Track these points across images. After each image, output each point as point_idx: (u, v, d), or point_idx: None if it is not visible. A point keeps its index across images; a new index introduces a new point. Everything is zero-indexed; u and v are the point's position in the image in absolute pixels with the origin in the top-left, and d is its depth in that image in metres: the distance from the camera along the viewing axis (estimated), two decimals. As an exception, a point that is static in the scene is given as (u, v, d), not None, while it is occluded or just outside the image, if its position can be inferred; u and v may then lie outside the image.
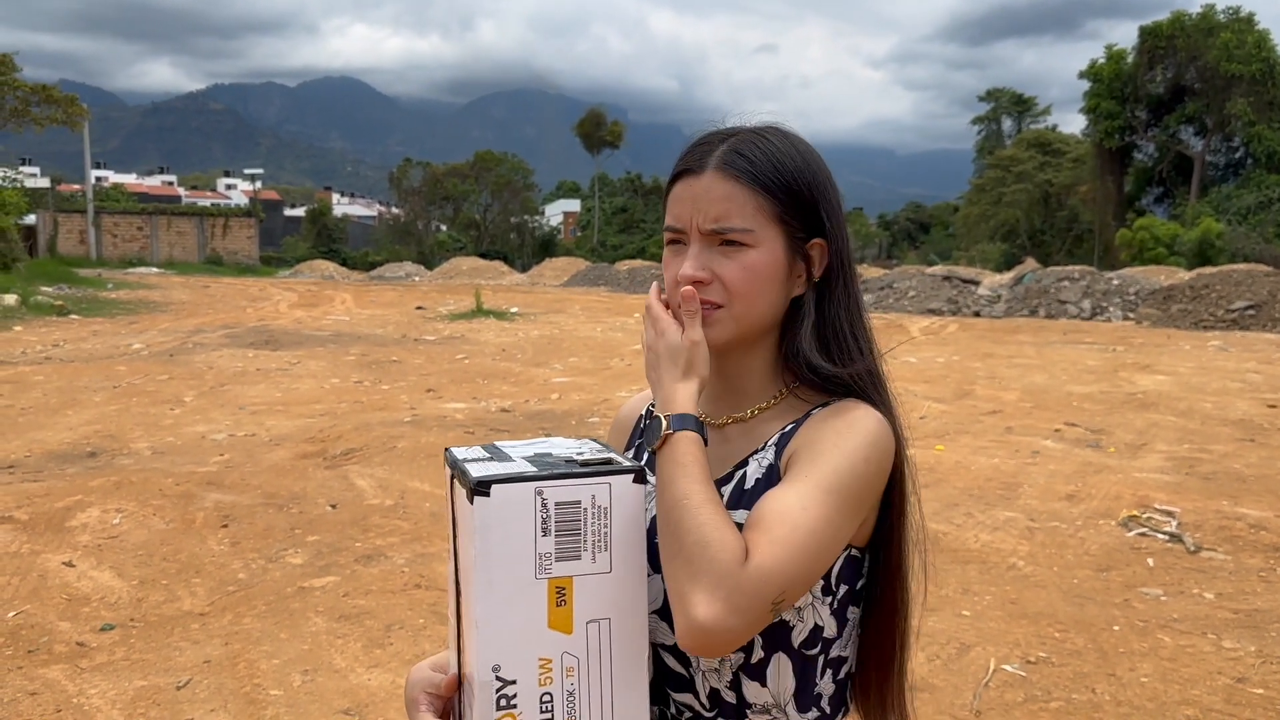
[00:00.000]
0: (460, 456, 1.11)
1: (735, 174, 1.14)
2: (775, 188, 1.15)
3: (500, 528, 1.00)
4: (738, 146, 1.16)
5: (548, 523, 1.02)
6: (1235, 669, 3.93)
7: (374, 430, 8.26)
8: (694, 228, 1.16)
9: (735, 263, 1.14)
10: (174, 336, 16.56)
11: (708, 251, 1.16)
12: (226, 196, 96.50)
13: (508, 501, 1.00)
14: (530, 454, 1.11)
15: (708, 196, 1.15)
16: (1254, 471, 7.23)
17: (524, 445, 1.16)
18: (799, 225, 1.17)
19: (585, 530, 1.03)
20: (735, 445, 1.23)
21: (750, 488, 1.17)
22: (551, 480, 1.02)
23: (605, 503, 1.04)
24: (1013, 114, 69.84)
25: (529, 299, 28.94)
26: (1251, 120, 43.52)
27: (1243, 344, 16.89)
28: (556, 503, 1.02)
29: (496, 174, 68.09)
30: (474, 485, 1.00)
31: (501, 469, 1.04)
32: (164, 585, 4.75)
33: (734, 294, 1.15)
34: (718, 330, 1.17)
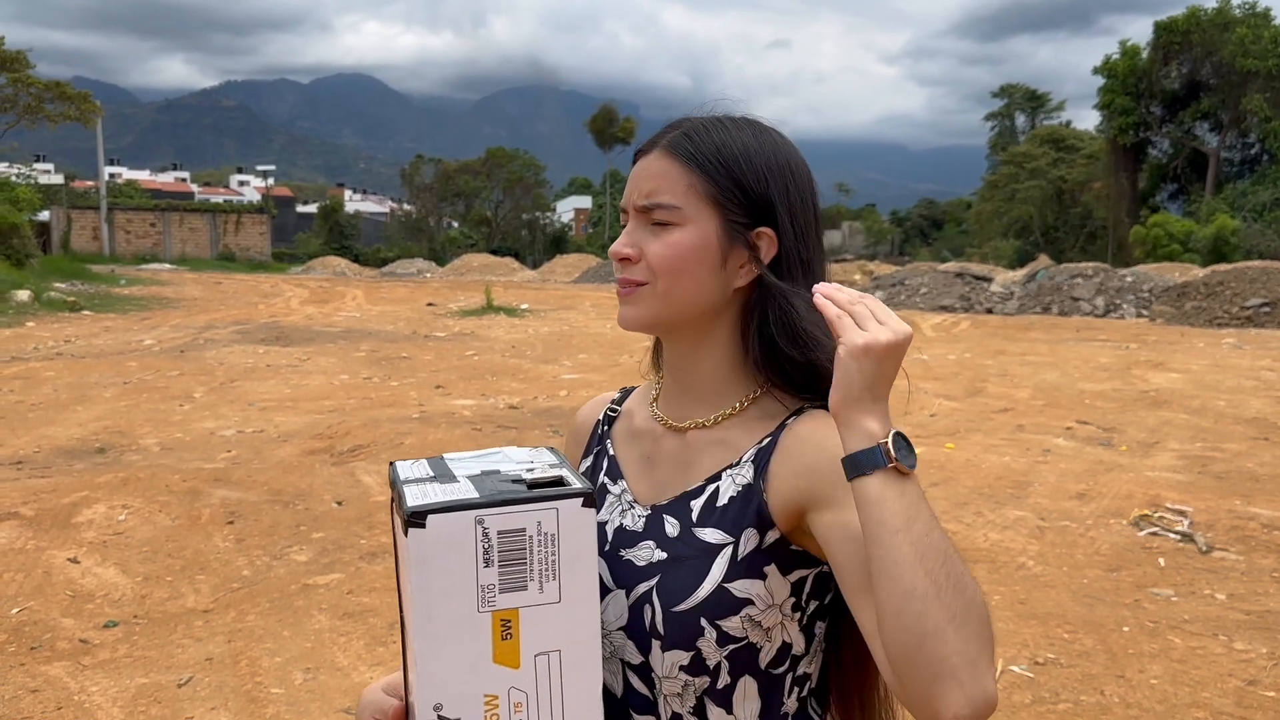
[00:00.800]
0: (401, 475, 1.04)
1: (673, 153, 1.11)
2: (712, 168, 1.10)
3: (438, 560, 0.94)
4: (688, 129, 1.13)
5: (490, 553, 0.95)
6: (1247, 671, 3.88)
7: (382, 427, 8.25)
8: (631, 204, 1.14)
9: (660, 241, 1.11)
10: (185, 333, 16.60)
11: (641, 229, 1.13)
12: (239, 193, 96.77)
13: (445, 533, 0.94)
14: (476, 471, 1.05)
15: (645, 173, 1.13)
16: (1268, 471, 7.16)
17: (472, 459, 1.10)
18: (738, 210, 1.11)
19: (531, 559, 0.96)
20: (701, 454, 1.17)
21: (723, 505, 1.12)
22: (493, 508, 0.95)
23: (552, 529, 0.97)
24: (1026, 110, 69.61)
25: (540, 295, 28.94)
26: (1268, 116, 43.21)
27: (1257, 341, 16.77)
28: (499, 531, 0.95)
29: (508, 170, 68.17)
30: (408, 516, 0.93)
31: (441, 494, 0.97)
32: (168, 582, 4.74)
33: (656, 271, 1.11)
34: (640, 308, 1.13)
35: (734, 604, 1.07)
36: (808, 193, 1.15)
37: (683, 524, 1.13)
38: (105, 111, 42.14)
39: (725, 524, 1.10)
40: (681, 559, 1.10)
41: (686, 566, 1.09)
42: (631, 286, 1.13)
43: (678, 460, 1.19)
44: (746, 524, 1.09)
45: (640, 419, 1.27)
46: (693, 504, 1.14)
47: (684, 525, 1.13)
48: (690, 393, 1.19)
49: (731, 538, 1.09)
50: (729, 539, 1.09)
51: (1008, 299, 24.91)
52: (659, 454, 1.20)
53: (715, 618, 1.06)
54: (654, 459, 1.20)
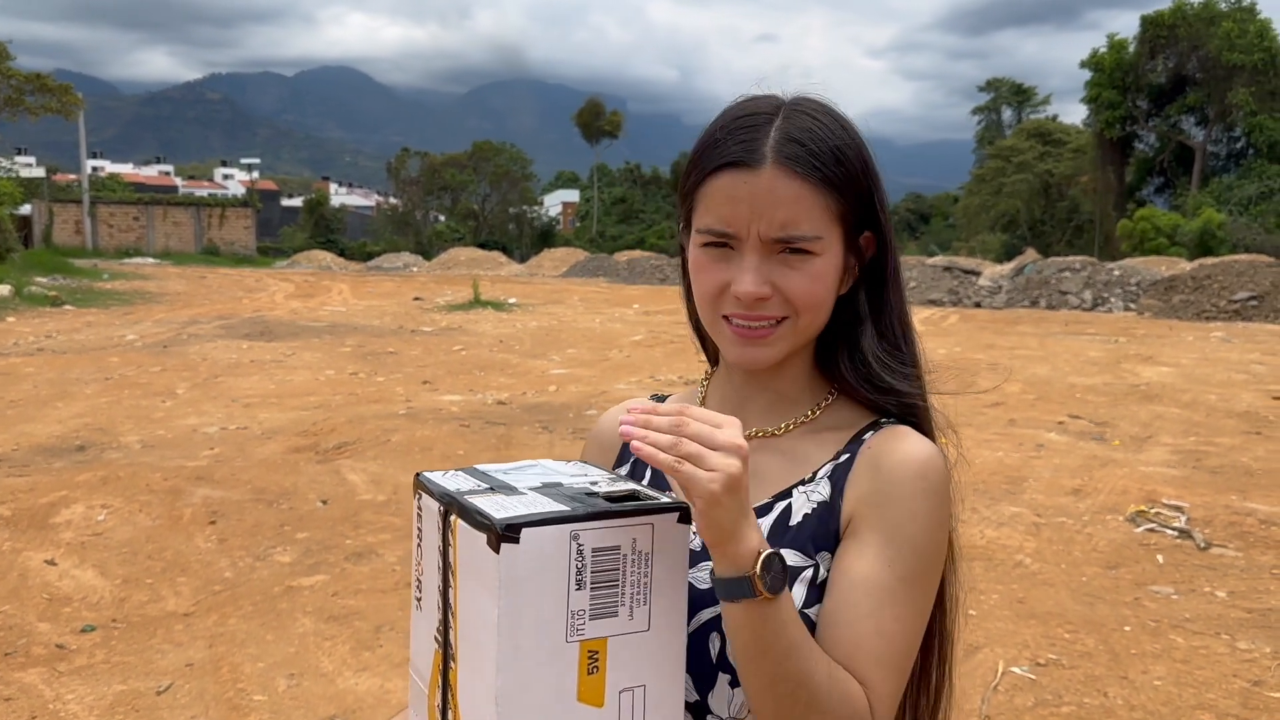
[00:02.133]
0: (452, 487, 0.92)
1: (802, 171, 0.98)
2: (840, 183, 1.00)
3: (531, 581, 0.83)
4: (793, 132, 0.99)
5: (583, 573, 0.85)
6: (1251, 671, 3.81)
7: (368, 423, 8.13)
8: (753, 235, 0.98)
9: (802, 274, 1.00)
10: (168, 327, 16.42)
11: (768, 262, 1.00)
12: (223, 186, 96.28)
13: (540, 549, 0.83)
14: (536, 484, 0.93)
15: (771, 199, 0.97)
16: (1262, 465, 7.11)
17: (516, 470, 0.99)
18: (855, 220, 1.03)
19: (624, 582, 0.87)
20: (768, 466, 1.08)
21: (798, 523, 1.03)
22: (590, 521, 0.85)
23: (647, 548, 0.87)
24: (1013, 104, 69.69)
25: (527, 290, 28.81)
26: (1253, 110, 43.36)
27: (1245, 335, 16.78)
28: (594, 549, 0.85)
29: (495, 164, 67.99)
30: (502, 530, 0.82)
31: (522, 506, 0.86)
32: (148, 584, 4.62)
33: (800, 309, 1.01)
34: (777, 349, 1.03)
35: (812, 630, 0.98)
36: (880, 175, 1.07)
37: None
38: (87, 104, 41.71)
39: (801, 544, 1.02)
40: None
41: None
42: (768, 327, 1.02)
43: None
44: (824, 546, 1.02)
45: None
46: (761, 521, 1.04)
47: None
48: (757, 399, 1.11)
49: (810, 560, 1.01)
50: (808, 561, 1.01)
51: (996, 293, 24.90)
52: None
53: None
54: None
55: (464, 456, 7.12)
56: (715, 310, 1.03)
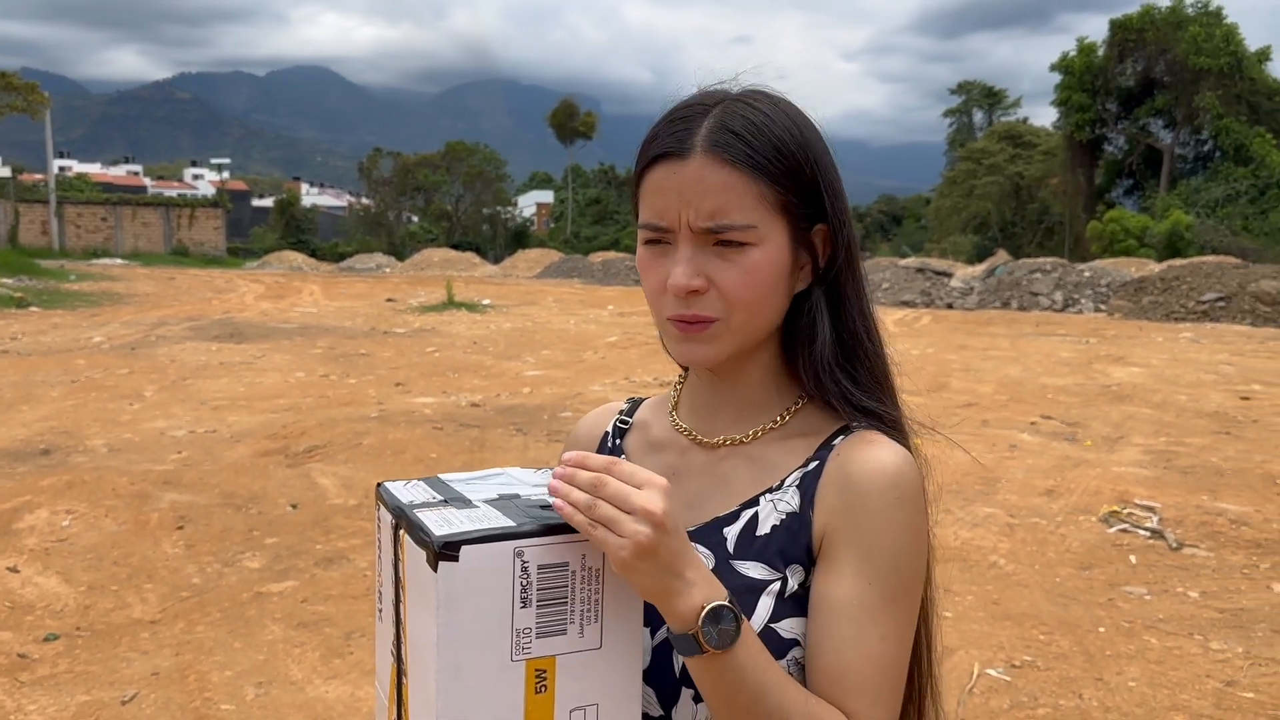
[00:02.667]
0: (405, 500, 0.89)
1: (730, 158, 0.93)
2: (777, 171, 0.94)
3: (471, 600, 0.80)
4: (726, 120, 0.95)
5: (528, 591, 0.82)
6: (1224, 671, 3.82)
7: (339, 426, 8.05)
8: (684, 225, 0.94)
9: (736, 267, 0.95)
10: (136, 329, 16.22)
11: (702, 254, 0.95)
12: (193, 187, 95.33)
13: (482, 567, 0.80)
14: (492, 495, 0.91)
15: (699, 187, 0.93)
16: (1231, 465, 7.17)
17: (478, 480, 0.96)
18: (803, 213, 0.98)
19: (573, 598, 0.84)
20: (735, 472, 1.05)
21: (765, 535, 0.99)
22: (534, 538, 0.82)
23: (597, 563, 0.85)
24: (984, 107, 70.12)
25: (501, 291, 28.70)
26: (1220, 114, 43.82)
27: (1214, 335, 16.95)
28: (540, 566, 0.83)
29: (468, 164, 67.70)
30: (439, 547, 0.79)
31: (468, 521, 0.83)
32: (113, 591, 4.54)
33: (735, 304, 0.96)
34: (715, 348, 0.98)
35: (780, 646, 0.95)
36: (838, 170, 1.02)
37: (718, 555, 1.00)
38: (54, 103, 41.23)
39: (769, 557, 0.98)
40: None
41: None
42: (701, 324, 0.97)
43: (707, 477, 1.06)
44: (793, 558, 0.98)
45: (659, 431, 1.14)
46: (726, 532, 1.01)
47: (719, 557, 1.00)
48: (727, 405, 1.07)
49: (777, 573, 0.97)
50: (775, 575, 0.97)
51: (968, 294, 25.04)
52: (685, 469, 1.08)
53: None
54: (680, 474, 1.07)
55: (437, 460, 7.06)
56: (660, 310, 1.00)
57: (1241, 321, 18.93)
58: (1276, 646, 4.05)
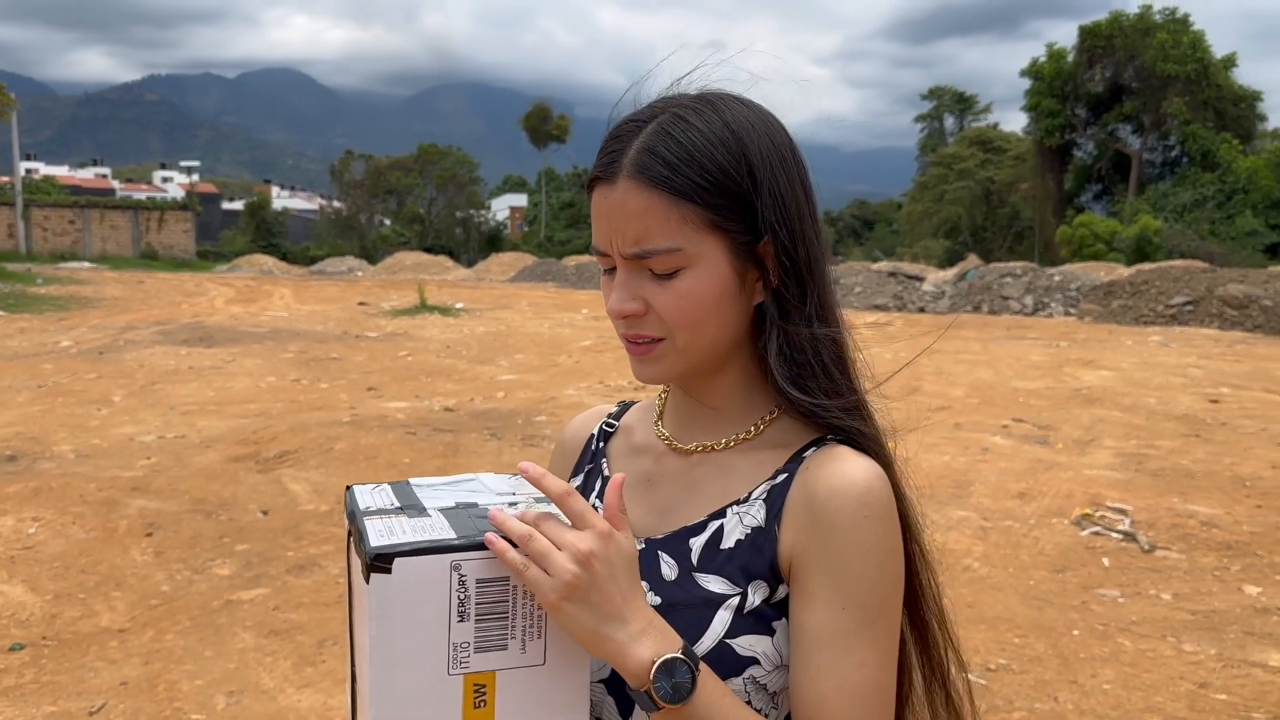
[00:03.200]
0: (363, 505, 0.88)
1: (650, 181, 0.91)
2: (701, 191, 0.91)
3: (405, 613, 0.79)
4: (651, 143, 0.93)
5: (466, 605, 0.81)
6: (1197, 674, 3.85)
7: (310, 431, 7.97)
8: (615, 251, 0.95)
9: (669, 291, 0.93)
10: (105, 333, 16.03)
11: (637, 278, 0.94)
12: (162, 189, 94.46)
13: (415, 579, 0.79)
14: (450, 503, 0.89)
15: (622, 213, 0.93)
16: (1201, 468, 7.24)
17: (444, 486, 0.94)
18: (740, 227, 0.94)
19: (514, 613, 0.83)
20: (705, 481, 1.03)
21: (729, 548, 0.97)
22: (473, 551, 0.81)
23: None
24: (955, 112, 70.71)
25: (475, 294, 28.60)
26: (1187, 120, 44.44)
27: (1182, 339, 17.13)
28: (478, 580, 0.81)
29: (441, 167, 67.51)
30: (371, 558, 0.78)
31: (410, 532, 0.82)
32: (81, 600, 4.47)
33: (673, 326, 0.94)
34: (664, 366, 0.97)
35: (736, 663, 0.93)
36: (794, 172, 0.97)
37: (681, 566, 0.98)
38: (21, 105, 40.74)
39: (731, 571, 0.96)
40: (678, 607, 0.95)
41: (683, 617, 0.94)
42: (646, 344, 0.97)
43: (679, 484, 1.04)
44: (756, 574, 0.95)
45: (641, 436, 1.12)
46: (692, 542, 0.99)
47: (682, 568, 0.98)
48: (703, 413, 1.05)
49: (738, 588, 0.95)
50: (735, 589, 0.95)
51: (939, 298, 25.19)
52: (660, 475, 1.06)
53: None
54: (654, 480, 1.06)
55: (410, 465, 7.01)
56: (616, 329, 0.99)
57: (1209, 325, 19.15)
58: (1248, 648, 4.09)
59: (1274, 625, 4.35)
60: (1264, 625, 4.35)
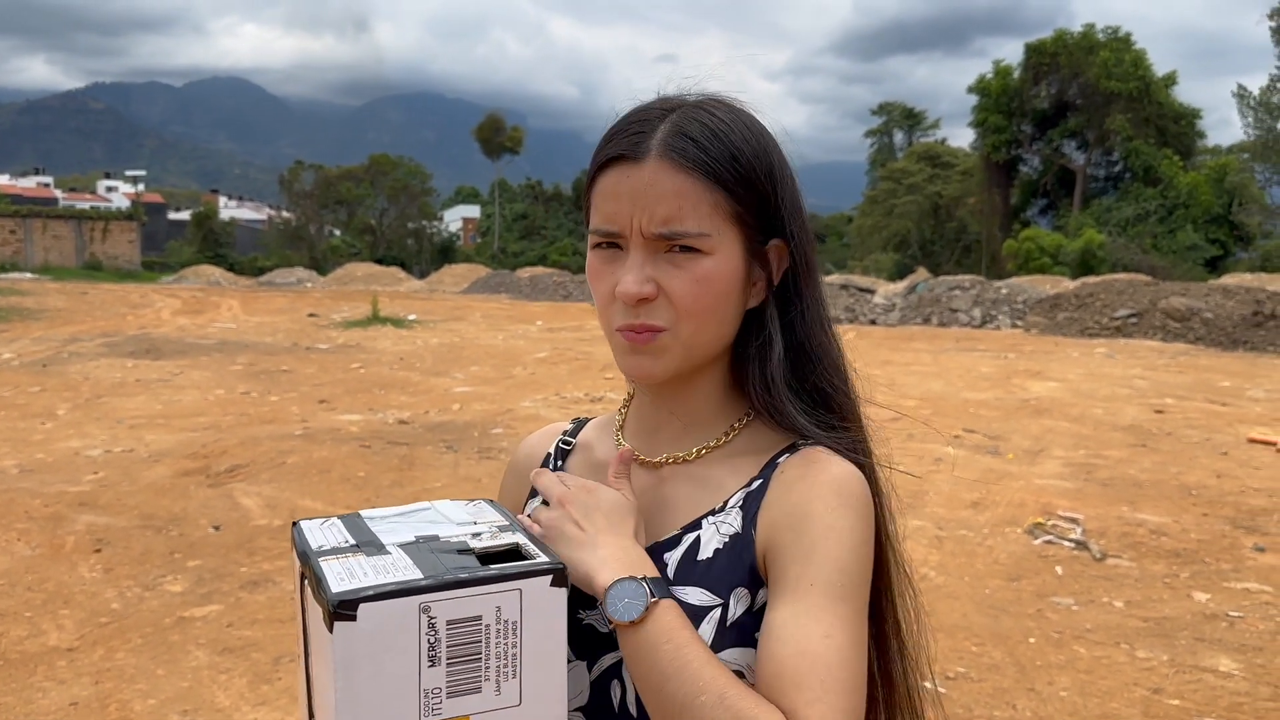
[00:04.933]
0: (314, 544, 0.83)
1: (686, 164, 0.91)
2: (732, 180, 0.92)
3: (372, 661, 0.74)
4: (683, 126, 0.92)
5: (437, 648, 0.76)
6: (1150, 679, 3.91)
7: (262, 444, 7.86)
8: (635, 231, 0.92)
9: (687, 274, 0.92)
10: (47, 345, 15.69)
11: (653, 260, 0.93)
12: (107, 199, 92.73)
13: (382, 625, 0.74)
14: (409, 538, 0.85)
15: (653, 192, 0.91)
16: (1149, 477, 7.37)
17: (398, 518, 0.90)
18: (757, 225, 0.95)
19: (487, 654, 0.78)
20: (677, 494, 1.01)
21: (707, 559, 0.95)
22: (442, 591, 0.76)
23: (514, 616, 0.79)
24: (904, 127, 71.53)
25: (427, 306, 28.39)
26: (1129, 136, 45.40)
27: (1127, 351, 17.46)
28: (449, 621, 0.76)
29: (393, 178, 67.05)
30: (334, 606, 0.73)
31: (372, 573, 0.77)
32: (27, 618, 4.36)
33: (684, 313, 0.93)
34: (664, 360, 0.95)
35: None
36: (798, 185, 1.00)
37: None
38: (-41, 111, 39.77)
39: (710, 582, 0.94)
40: None
41: None
42: (650, 334, 0.94)
43: (649, 498, 1.02)
44: (737, 582, 0.94)
45: (602, 451, 1.10)
46: (668, 558, 0.97)
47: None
48: (671, 422, 1.04)
49: (719, 599, 0.93)
50: (716, 600, 0.93)
51: (890, 310, 25.47)
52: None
53: None
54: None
55: (365, 478, 6.93)
56: (609, 320, 0.97)
57: (1153, 337, 19.54)
58: (1199, 654, 4.16)
59: (1223, 631, 4.44)
60: (1213, 631, 4.43)
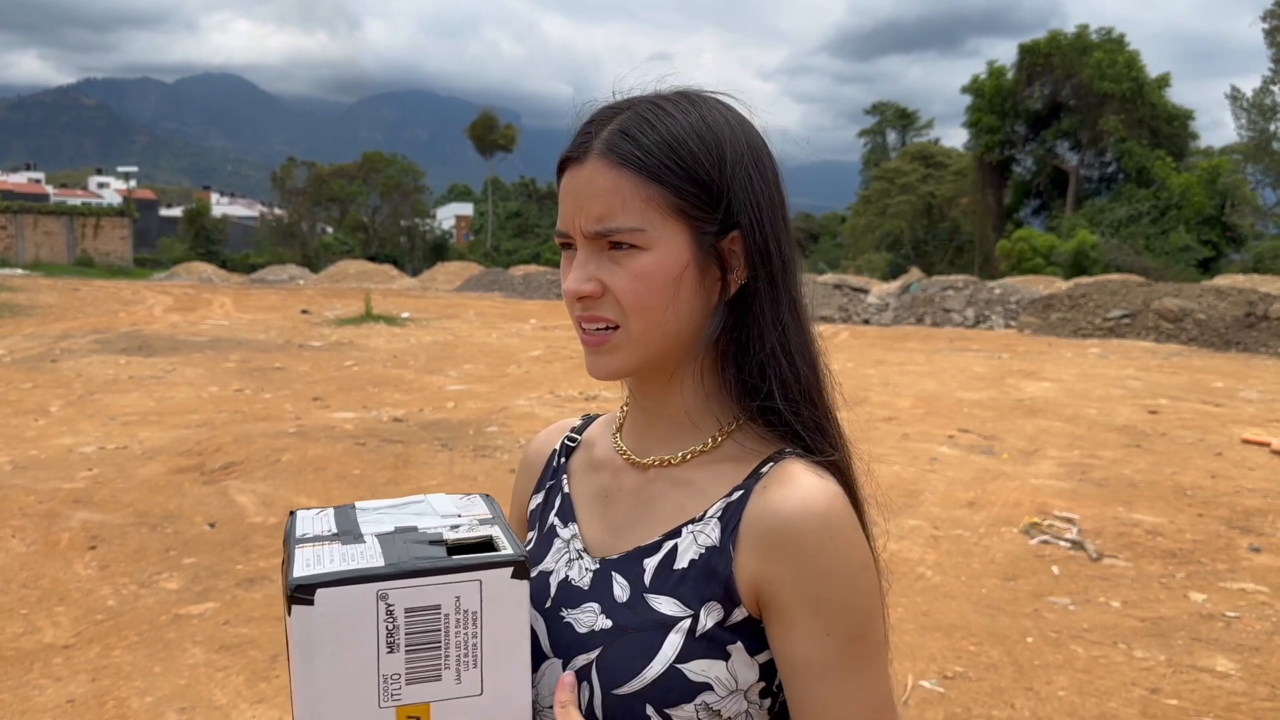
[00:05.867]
0: (299, 532, 0.86)
1: (619, 161, 0.91)
2: (670, 173, 0.91)
3: (329, 644, 0.77)
4: (625, 125, 0.93)
5: (395, 635, 0.79)
6: (1148, 679, 3.92)
7: (256, 442, 7.84)
8: (577, 230, 0.94)
9: (626, 270, 0.92)
10: (39, 342, 15.63)
11: (596, 258, 0.94)
12: (98, 195, 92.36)
13: (339, 610, 0.77)
14: (389, 528, 0.87)
15: (589, 190, 0.92)
16: (1144, 477, 7.39)
17: (388, 510, 0.92)
18: (707, 218, 0.93)
19: (447, 643, 0.80)
20: (662, 497, 1.00)
21: (682, 569, 0.94)
22: (399, 579, 0.78)
23: (474, 606, 0.81)
24: (897, 127, 71.59)
25: (421, 304, 28.34)
26: (1122, 137, 45.50)
27: (1120, 351, 17.51)
28: (406, 609, 0.79)
29: (385, 175, 66.91)
30: (292, 589, 0.76)
31: (338, 560, 0.80)
32: (23, 615, 4.34)
33: (628, 309, 0.93)
34: (618, 357, 0.95)
35: (688, 689, 0.90)
36: (768, 174, 0.97)
37: (634, 587, 0.95)
38: (-50, 106, 39.58)
39: (683, 593, 0.93)
40: (628, 630, 0.93)
41: (633, 641, 0.92)
42: (602, 332, 0.95)
43: (636, 500, 1.01)
44: (709, 596, 0.92)
45: (601, 450, 1.09)
46: (646, 563, 0.96)
47: (635, 589, 0.95)
48: (658, 424, 1.02)
49: (689, 610, 0.92)
50: (686, 612, 0.92)
51: (884, 310, 25.49)
52: (617, 491, 1.03)
53: (664, 705, 0.89)
54: (611, 496, 1.04)
55: (360, 476, 6.92)
56: (573, 317, 0.97)
57: (1146, 338, 19.59)
58: (1196, 654, 4.17)
59: (1220, 631, 4.45)
60: (1210, 631, 4.45)
